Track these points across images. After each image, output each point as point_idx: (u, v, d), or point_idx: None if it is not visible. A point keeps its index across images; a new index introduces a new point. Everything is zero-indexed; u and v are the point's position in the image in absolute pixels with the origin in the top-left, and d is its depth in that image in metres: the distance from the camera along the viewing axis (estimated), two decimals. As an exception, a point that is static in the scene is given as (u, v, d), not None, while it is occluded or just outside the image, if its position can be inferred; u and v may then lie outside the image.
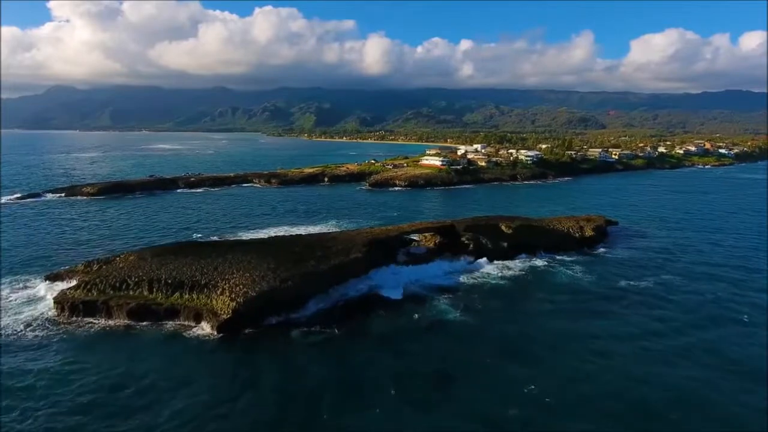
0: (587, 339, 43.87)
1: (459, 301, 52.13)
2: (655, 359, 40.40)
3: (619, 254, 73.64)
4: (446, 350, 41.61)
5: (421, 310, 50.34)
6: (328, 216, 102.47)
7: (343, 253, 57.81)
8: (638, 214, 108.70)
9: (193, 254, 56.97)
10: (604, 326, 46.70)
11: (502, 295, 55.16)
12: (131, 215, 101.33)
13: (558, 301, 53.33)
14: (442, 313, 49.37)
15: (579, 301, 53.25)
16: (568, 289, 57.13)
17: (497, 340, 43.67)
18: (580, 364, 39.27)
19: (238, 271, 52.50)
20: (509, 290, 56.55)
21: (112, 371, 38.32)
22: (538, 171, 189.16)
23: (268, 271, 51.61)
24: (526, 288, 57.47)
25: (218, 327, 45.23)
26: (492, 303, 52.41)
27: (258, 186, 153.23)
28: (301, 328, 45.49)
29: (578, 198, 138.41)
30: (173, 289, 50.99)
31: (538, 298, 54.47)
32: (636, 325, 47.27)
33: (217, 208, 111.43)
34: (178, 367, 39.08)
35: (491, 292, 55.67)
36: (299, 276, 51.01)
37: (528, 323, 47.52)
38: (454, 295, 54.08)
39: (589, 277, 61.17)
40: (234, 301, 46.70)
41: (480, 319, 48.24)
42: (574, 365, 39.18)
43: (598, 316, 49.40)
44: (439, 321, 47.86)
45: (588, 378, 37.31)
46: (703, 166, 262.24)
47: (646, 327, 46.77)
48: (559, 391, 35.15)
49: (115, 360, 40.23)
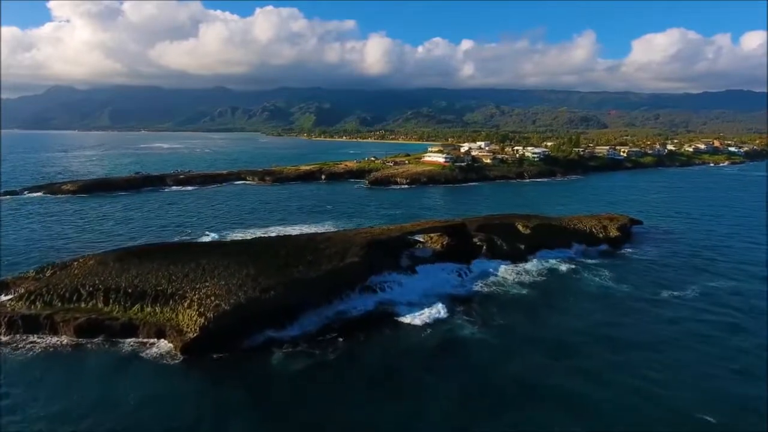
0: (635, 376, 34.93)
1: (475, 315, 43.79)
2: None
3: (649, 256, 65.30)
4: (464, 384, 33.11)
5: (431, 325, 41.99)
6: (324, 215, 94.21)
7: (338, 256, 49.55)
8: (660, 213, 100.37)
9: (162, 258, 48.74)
10: (654, 358, 36.82)
11: (524, 306, 46.77)
12: (109, 214, 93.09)
13: (590, 316, 44.80)
14: (456, 330, 40.97)
15: (615, 317, 44.66)
16: (600, 299, 48.68)
17: (527, 370, 34.96)
18: (633, 410, 30.38)
19: (211, 278, 44.29)
20: (531, 301, 48.14)
21: (47, 408, 30.13)
22: (545, 168, 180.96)
23: (247, 279, 43.37)
24: (550, 298, 49.05)
25: (182, 348, 36.95)
26: (514, 317, 44.01)
27: (251, 183, 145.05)
28: (285, 351, 37.11)
29: (591, 196, 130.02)
30: (133, 300, 42.78)
31: (566, 310, 46.07)
32: (693, 350, 38.74)
33: (205, 207, 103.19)
34: (125, 405, 30.76)
35: (511, 304, 47.30)
36: (284, 285, 42.72)
37: (559, 345, 39.01)
38: (469, 307, 45.77)
39: (622, 285, 52.75)
40: (203, 317, 38.42)
41: (502, 338, 39.82)
42: (625, 404, 30.75)
43: (644, 343, 40.16)
44: (453, 341, 39.40)
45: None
46: (715, 164, 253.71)
47: (712, 354, 38.21)
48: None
49: (52, 392, 32.04)
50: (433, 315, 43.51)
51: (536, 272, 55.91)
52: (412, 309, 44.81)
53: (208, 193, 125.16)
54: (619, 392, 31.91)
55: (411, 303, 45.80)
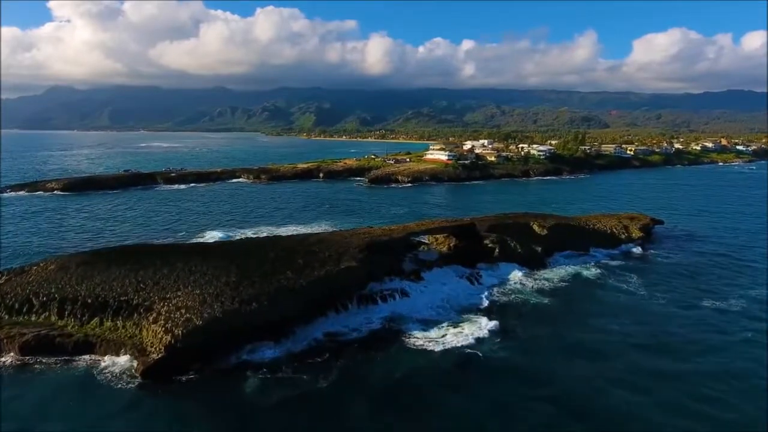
0: (700, 400, 29.06)
1: (495, 330, 37.43)
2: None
3: (678, 259, 59.12)
4: (485, 416, 26.99)
5: (441, 341, 35.74)
6: (321, 215, 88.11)
7: (333, 260, 43.38)
8: (680, 212, 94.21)
9: (133, 262, 42.55)
10: (719, 388, 30.99)
11: (547, 318, 40.56)
12: (92, 214, 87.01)
13: (627, 331, 38.43)
14: (475, 350, 34.56)
15: (655, 332, 38.36)
16: (634, 311, 42.35)
17: (560, 397, 28.98)
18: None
19: (185, 286, 38.14)
20: (556, 313, 41.87)
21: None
22: (551, 166, 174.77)
23: (226, 288, 37.22)
24: (576, 309, 42.82)
25: (143, 371, 30.87)
26: (537, 331, 37.79)
27: (246, 182, 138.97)
28: (265, 376, 30.91)
29: (603, 195, 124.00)
30: (92, 312, 36.68)
31: (597, 324, 39.78)
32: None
33: (194, 206, 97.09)
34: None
35: (533, 315, 41.11)
36: (268, 295, 36.56)
37: (599, 367, 32.82)
38: (486, 320, 39.47)
39: (655, 294, 46.53)
40: (169, 334, 32.28)
41: (526, 357, 33.67)
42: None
43: (687, 356, 34.49)
44: (470, 360, 33.16)
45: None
46: (724, 162, 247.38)
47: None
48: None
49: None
50: (444, 329, 37.27)
51: (557, 278, 49.68)
52: (420, 323, 38.59)
53: (200, 191, 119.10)
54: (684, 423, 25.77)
55: (418, 314, 39.64)
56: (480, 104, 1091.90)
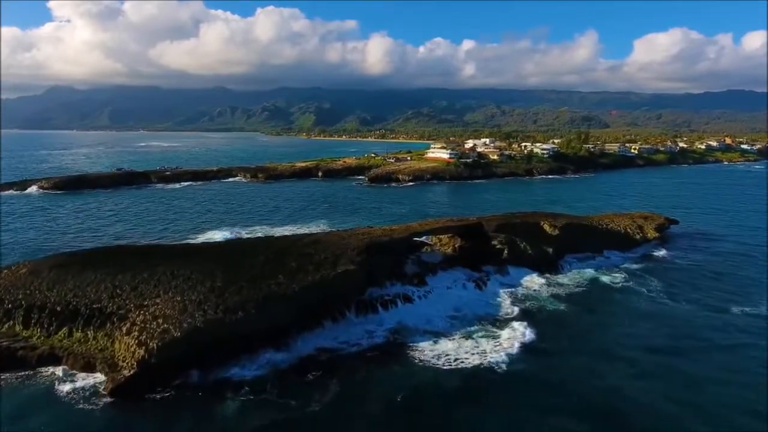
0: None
1: (510, 343, 33.63)
2: None
3: (697, 261, 55.57)
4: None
5: (451, 356, 32.04)
6: (318, 214, 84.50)
7: (329, 263, 39.75)
8: (692, 212, 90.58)
9: (111, 265, 38.96)
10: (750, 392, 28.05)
11: (568, 327, 36.81)
12: (80, 213, 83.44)
13: (653, 341, 34.68)
14: (489, 362, 31.03)
15: (685, 342, 34.66)
16: (659, 319, 38.68)
17: (593, 414, 25.39)
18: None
19: (165, 293, 34.56)
20: (574, 320, 38.21)
21: None
22: (555, 165, 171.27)
23: (210, 294, 33.63)
24: (597, 317, 39.14)
25: (112, 390, 27.31)
26: (559, 342, 34.03)
27: (243, 181, 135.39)
28: (248, 397, 27.18)
29: (611, 193, 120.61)
30: (61, 321, 33.14)
31: (618, 332, 36.19)
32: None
33: (189, 205, 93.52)
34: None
35: (551, 324, 37.34)
36: (256, 302, 32.96)
37: (622, 380, 29.27)
38: (499, 331, 35.81)
39: (679, 299, 42.89)
40: (143, 347, 28.68)
41: (550, 373, 29.90)
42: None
43: (725, 365, 30.97)
44: (487, 378, 29.39)
45: None
46: (729, 161, 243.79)
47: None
48: None
49: None
50: (456, 343, 33.52)
51: (572, 283, 46.03)
52: (427, 335, 34.90)
53: (194, 191, 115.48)
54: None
55: (424, 324, 36.02)
56: (480, 104, 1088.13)
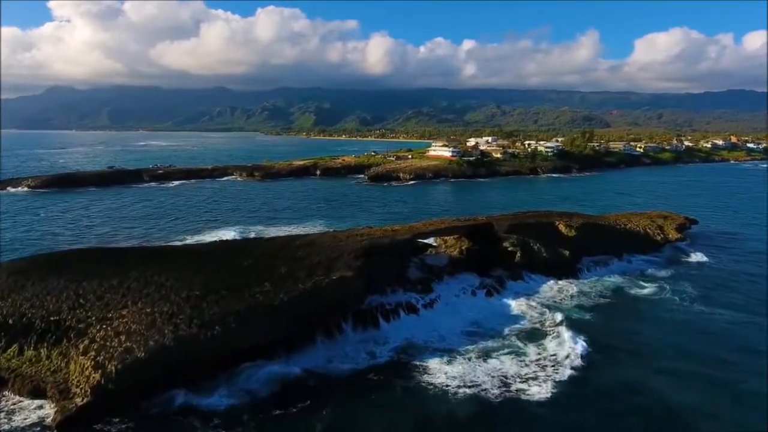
0: None
1: (539, 361, 29.26)
2: None
3: (727, 264, 51.09)
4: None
5: (472, 379, 27.51)
6: (315, 214, 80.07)
7: (323, 268, 35.26)
8: (709, 211, 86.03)
9: (77, 271, 34.55)
10: None
11: (601, 344, 31.51)
12: (63, 213, 79.07)
13: (697, 359, 30.10)
14: (514, 387, 26.44)
15: (734, 358, 30.27)
16: (702, 333, 33.89)
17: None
18: None
19: (134, 302, 30.14)
20: (604, 334, 33.30)
21: None
22: (560, 164, 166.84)
23: (185, 305, 29.17)
24: (626, 329, 34.49)
25: (60, 423, 22.86)
26: (596, 364, 29.08)
27: (238, 179, 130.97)
28: (220, 430, 22.73)
29: (620, 192, 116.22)
30: (12, 337, 28.68)
31: (660, 352, 31.39)
32: None
33: (179, 205, 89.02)
34: None
35: (580, 340, 32.67)
36: (237, 314, 28.46)
37: (671, 400, 24.79)
38: (515, 347, 31.29)
39: (716, 308, 38.25)
40: (99, 370, 24.20)
41: (591, 400, 25.39)
42: None
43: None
44: (515, 412, 24.83)
45: None
46: (735, 160, 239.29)
47: None
48: None
49: None
50: (473, 364, 28.79)
51: (596, 290, 41.35)
52: (436, 352, 30.40)
53: (187, 189, 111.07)
54: None
55: (432, 339, 31.55)
56: (480, 104, 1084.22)
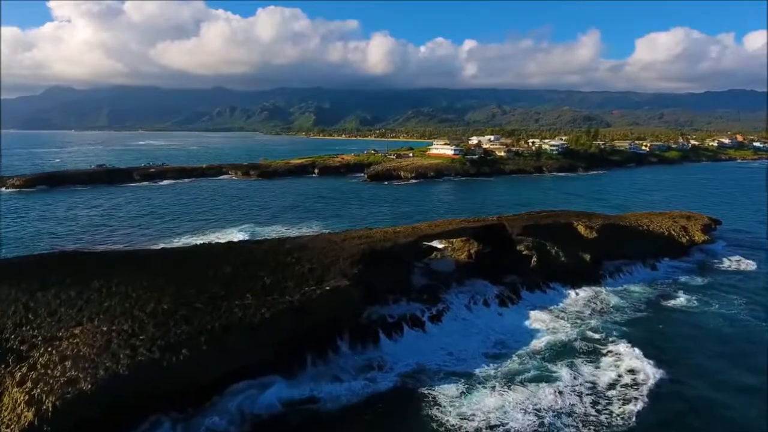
0: None
1: (574, 390, 24.48)
2: None
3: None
4: None
5: (495, 412, 22.81)
6: (311, 214, 75.48)
7: (314, 277, 30.64)
8: (728, 210, 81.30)
9: (36, 278, 29.98)
10: None
11: (656, 371, 26.80)
12: (48, 213, 74.55)
13: (757, 374, 25.64)
14: (546, 423, 21.79)
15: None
16: (752, 345, 29.42)
17: None
18: None
19: (91, 318, 25.52)
20: (647, 355, 28.47)
21: None
22: (565, 162, 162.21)
23: (149, 322, 24.54)
24: (671, 347, 29.45)
25: (-20, 479, 18.22)
26: (650, 395, 24.28)
27: (233, 178, 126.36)
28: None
29: (635, 191, 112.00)
30: (-61, 362, 23.96)
31: (712, 369, 26.78)
32: None
33: (167, 205, 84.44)
34: None
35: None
36: (209, 335, 23.75)
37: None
38: (554, 370, 26.50)
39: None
40: (33, 408, 19.53)
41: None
42: None
43: None
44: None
45: None
46: (742, 159, 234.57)
47: None
48: None
49: None
50: (497, 395, 24.04)
51: (627, 302, 36.39)
52: (451, 380, 25.59)
53: (178, 189, 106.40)
54: None
55: (443, 360, 26.85)
56: (481, 104, 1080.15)
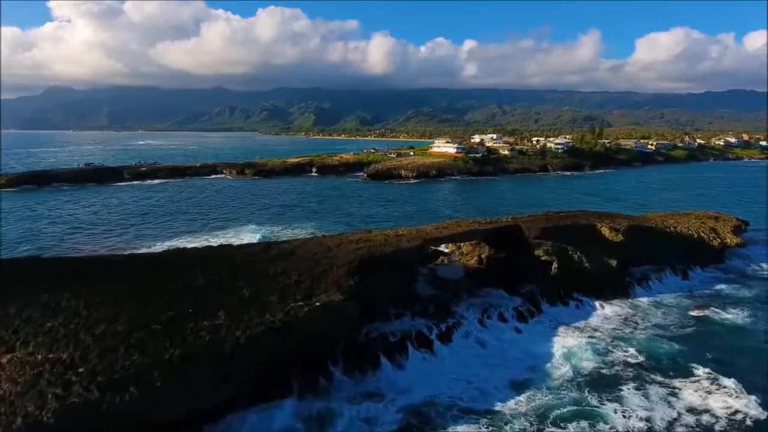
0: None
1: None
2: None
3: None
4: None
5: None
6: (306, 214, 70.86)
7: (302, 289, 25.85)
8: (749, 210, 76.56)
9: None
10: None
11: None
12: (26, 214, 69.92)
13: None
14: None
15: None
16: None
17: None
18: None
19: (25, 344, 20.89)
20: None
21: None
22: (571, 161, 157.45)
23: (93, 349, 19.84)
24: (730, 372, 24.94)
25: None
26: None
27: (228, 178, 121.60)
28: None
29: (648, 190, 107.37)
30: None
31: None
32: None
33: (156, 205, 79.72)
34: None
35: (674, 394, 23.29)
36: (166, 368, 19.03)
37: None
38: (595, 404, 21.79)
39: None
40: None
41: None
42: None
43: None
44: None
45: None
46: (749, 158, 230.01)
47: None
48: None
49: None
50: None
51: (665, 317, 31.44)
52: (469, 419, 20.81)
53: (170, 188, 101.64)
54: None
55: (460, 394, 22.05)
56: (481, 104, 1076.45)
